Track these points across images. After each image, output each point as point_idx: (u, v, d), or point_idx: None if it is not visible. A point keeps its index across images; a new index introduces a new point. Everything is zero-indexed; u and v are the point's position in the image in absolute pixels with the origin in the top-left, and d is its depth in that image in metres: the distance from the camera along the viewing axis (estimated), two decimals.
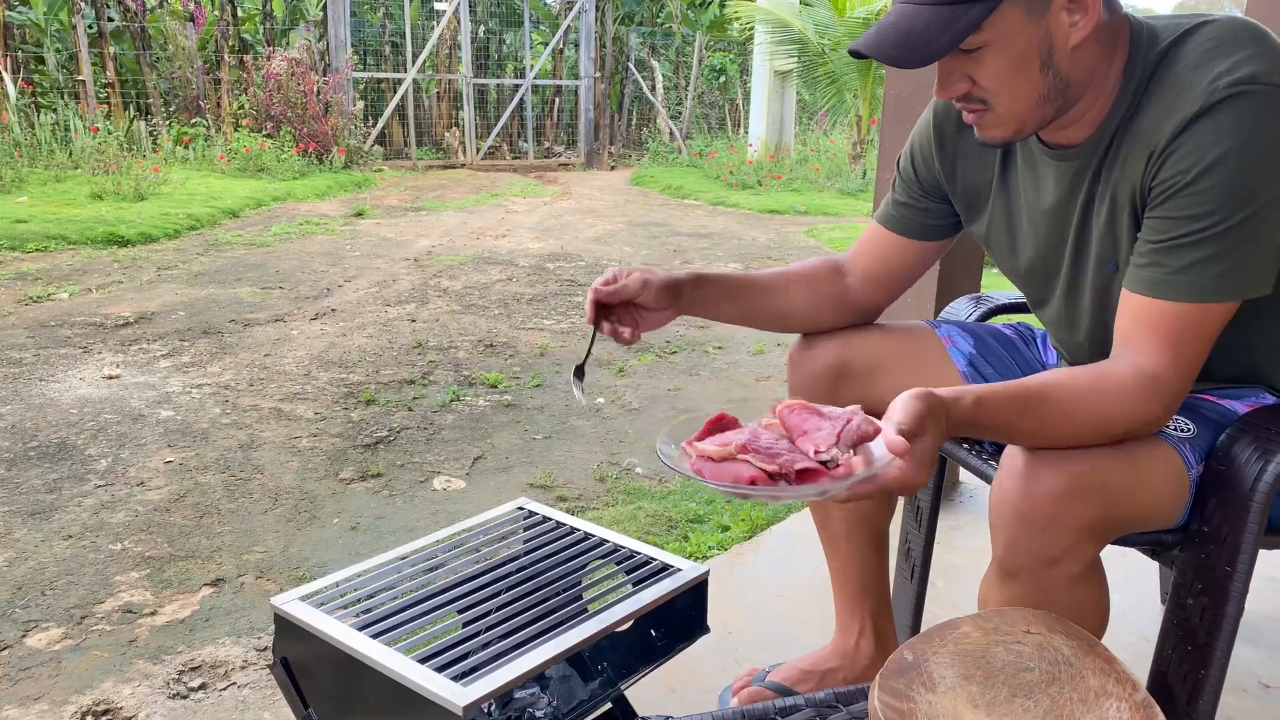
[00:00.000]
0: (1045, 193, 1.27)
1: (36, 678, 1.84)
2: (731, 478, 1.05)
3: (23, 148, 8.36)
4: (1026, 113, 1.16)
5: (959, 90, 1.16)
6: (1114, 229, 1.19)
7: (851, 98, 10.45)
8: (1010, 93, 1.14)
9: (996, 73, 1.12)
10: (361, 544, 2.40)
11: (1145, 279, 1.12)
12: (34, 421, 3.15)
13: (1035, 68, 1.12)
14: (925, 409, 1.01)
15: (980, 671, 1.01)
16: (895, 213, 1.48)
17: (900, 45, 1.09)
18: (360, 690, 1.19)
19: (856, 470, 1.05)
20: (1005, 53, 1.10)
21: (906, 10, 1.11)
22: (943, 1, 1.08)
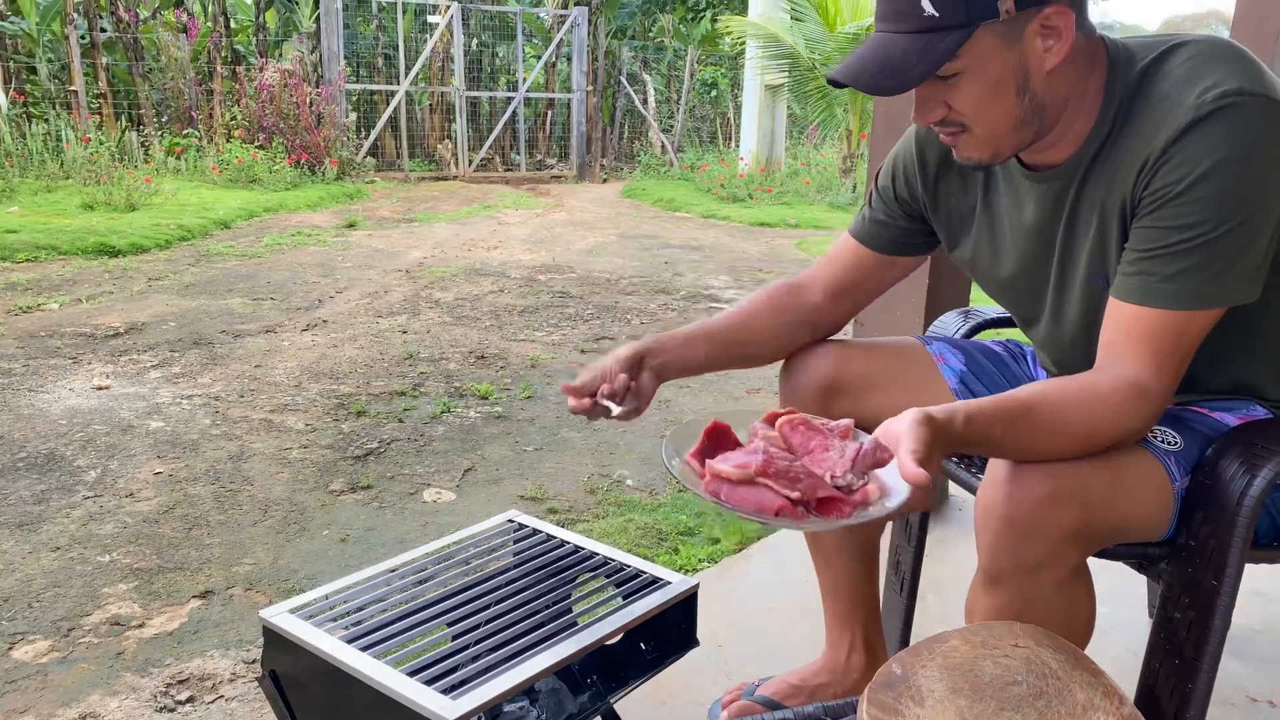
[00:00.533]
0: (1026, 213, 1.28)
1: (23, 690, 1.83)
2: (755, 505, 1.04)
3: (14, 158, 8.35)
4: (1003, 136, 1.17)
5: (936, 115, 1.17)
6: (1103, 245, 1.20)
7: (842, 112, 10.51)
8: (987, 117, 1.15)
9: (973, 98, 1.14)
10: (351, 556, 2.39)
11: (1132, 287, 1.13)
12: (22, 432, 3.13)
13: (1011, 92, 1.13)
14: (932, 435, 1.02)
15: (968, 685, 1.01)
16: (871, 229, 1.49)
17: (877, 74, 1.11)
18: (349, 703, 1.19)
19: (871, 495, 1.06)
20: (981, 79, 1.12)
21: (883, 39, 1.12)
22: (918, 29, 1.09)
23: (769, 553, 2.34)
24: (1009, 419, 1.10)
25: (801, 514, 1.04)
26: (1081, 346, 1.29)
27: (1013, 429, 1.10)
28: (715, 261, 6.91)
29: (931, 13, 1.08)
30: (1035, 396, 1.13)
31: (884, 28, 1.13)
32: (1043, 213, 1.26)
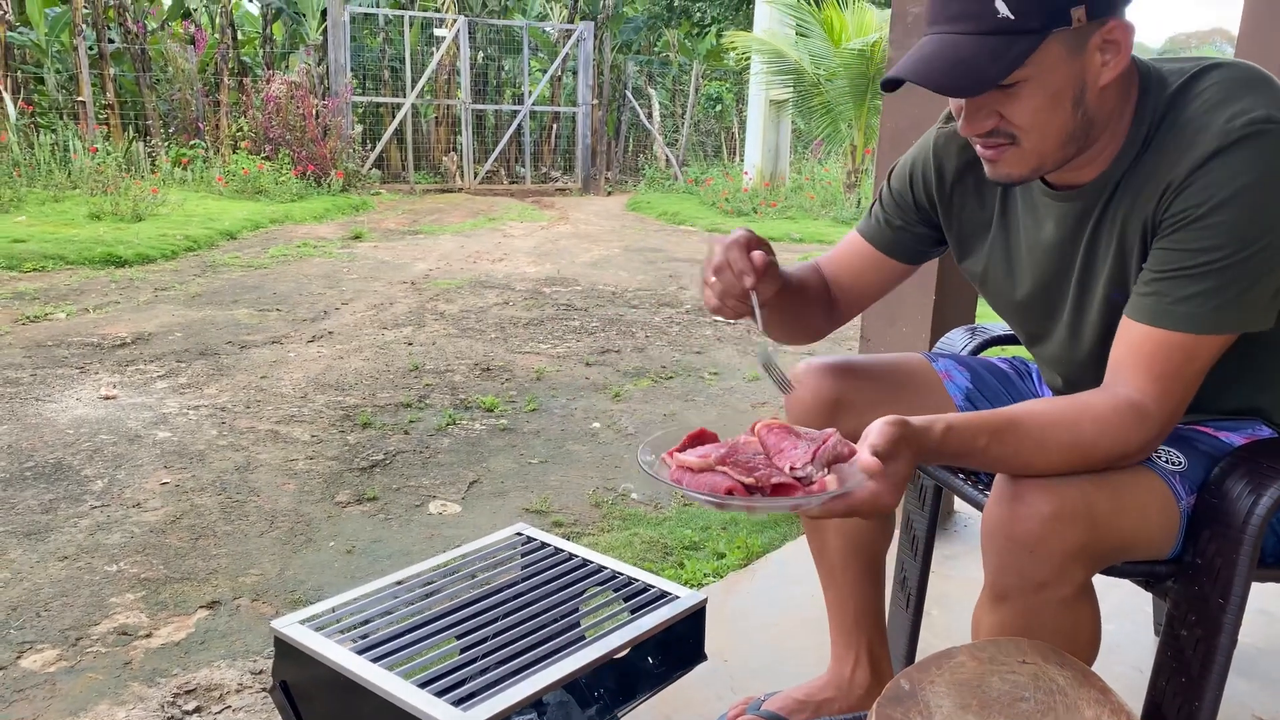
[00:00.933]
0: (1045, 231, 1.28)
1: (31, 699, 1.83)
2: (709, 488, 1.08)
3: (22, 167, 8.39)
4: (1051, 151, 1.16)
5: (987, 125, 1.15)
6: (1122, 265, 1.20)
7: (846, 127, 10.54)
8: (1040, 129, 1.13)
9: (1031, 108, 1.12)
10: (357, 568, 2.40)
11: (1144, 307, 1.14)
12: (30, 442, 3.15)
13: (1068, 105, 1.12)
14: (899, 434, 1.05)
15: (976, 701, 1.02)
16: (881, 231, 1.48)
17: (950, 73, 1.09)
18: (359, 714, 1.20)
19: (830, 488, 1.08)
20: (1042, 88, 1.10)
21: (949, 39, 1.10)
22: (989, 31, 1.07)
23: (774, 568, 2.35)
24: (993, 430, 1.11)
25: (755, 497, 1.08)
26: (1095, 365, 1.29)
27: (997, 440, 1.11)
28: None
29: (1006, 14, 1.06)
30: (1023, 410, 1.15)
31: (948, 29, 1.11)
32: (1063, 232, 1.26)
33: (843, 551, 1.62)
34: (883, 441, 1.04)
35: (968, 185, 1.37)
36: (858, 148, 10.53)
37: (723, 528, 2.61)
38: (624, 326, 5.17)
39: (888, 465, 1.04)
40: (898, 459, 1.04)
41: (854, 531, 1.60)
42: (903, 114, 2.26)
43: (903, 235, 1.46)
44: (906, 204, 1.45)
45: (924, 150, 1.42)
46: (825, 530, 1.62)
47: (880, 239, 1.48)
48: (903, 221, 1.46)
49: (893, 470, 1.04)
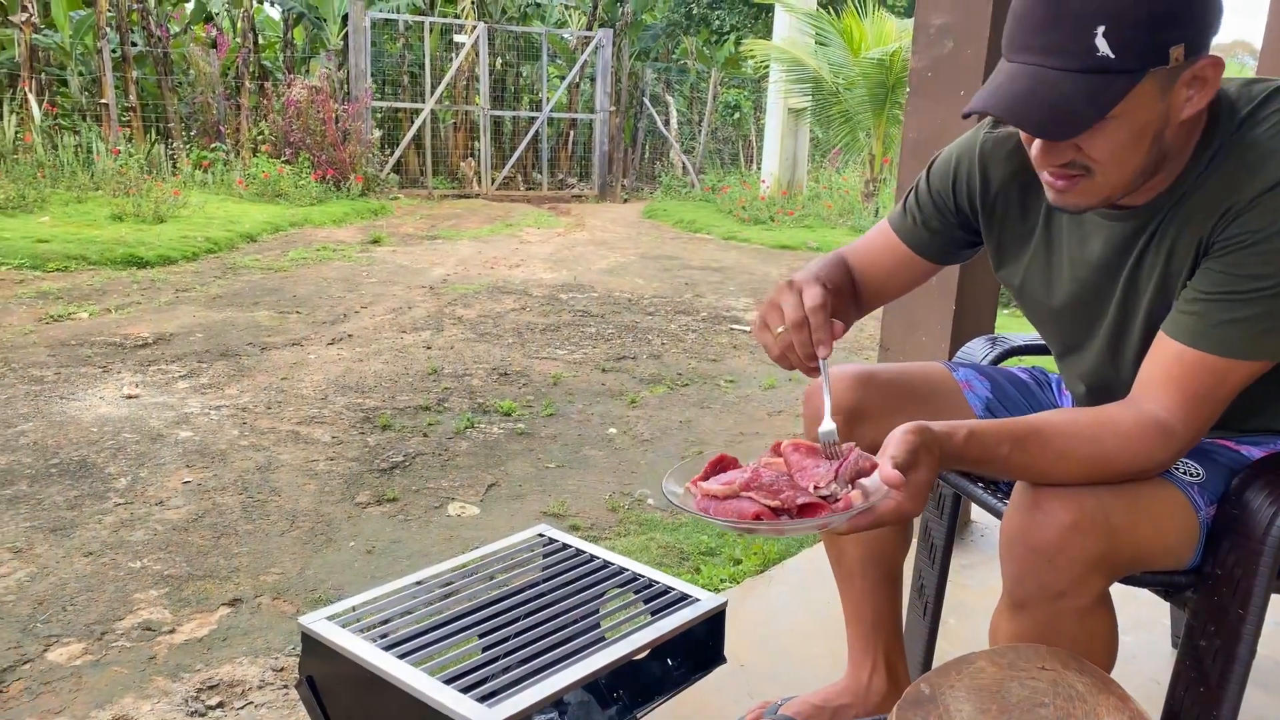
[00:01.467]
0: (1092, 248, 1.26)
1: (58, 691, 1.86)
2: (736, 514, 1.09)
3: (46, 169, 8.48)
4: (1123, 185, 1.13)
5: (1065, 158, 1.11)
6: (1167, 284, 1.19)
7: (864, 136, 10.54)
8: (1118, 165, 1.10)
9: (1113, 145, 1.09)
10: (377, 567, 2.42)
11: (1184, 326, 1.13)
12: (55, 439, 3.19)
13: (1149, 141, 1.09)
14: (919, 442, 1.05)
15: (996, 706, 1.03)
16: (915, 229, 1.45)
17: (1047, 117, 1.05)
18: (384, 709, 1.22)
19: (855, 504, 1.09)
20: (1129, 126, 1.07)
21: (1041, 75, 1.06)
22: (1085, 69, 1.03)
23: (791, 574, 2.36)
24: (1015, 439, 1.12)
25: (783, 520, 1.08)
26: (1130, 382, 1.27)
27: (1018, 449, 1.12)
28: (736, 283, 6.94)
29: (1106, 54, 1.02)
30: (1046, 420, 1.15)
31: (1038, 60, 1.06)
32: (1111, 249, 1.24)
33: (860, 559, 1.63)
34: (903, 451, 1.04)
35: (1012, 195, 1.35)
36: (876, 157, 10.53)
37: (738, 535, 2.61)
38: (640, 333, 5.18)
39: (909, 475, 1.03)
40: (919, 468, 1.04)
41: (871, 539, 1.61)
42: (924, 124, 2.27)
43: (937, 235, 1.44)
44: (946, 205, 1.42)
45: (969, 152, 1.38)
46: (843, 538, 1.63)
47: (912, 237, 1.45)
48: (939, 222, 1.43)
49: (914, 479, 1.04)
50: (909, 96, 2.31)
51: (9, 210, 7.30)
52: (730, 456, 1.21)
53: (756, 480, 1.11)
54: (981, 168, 1.36)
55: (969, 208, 1.40)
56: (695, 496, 1.15)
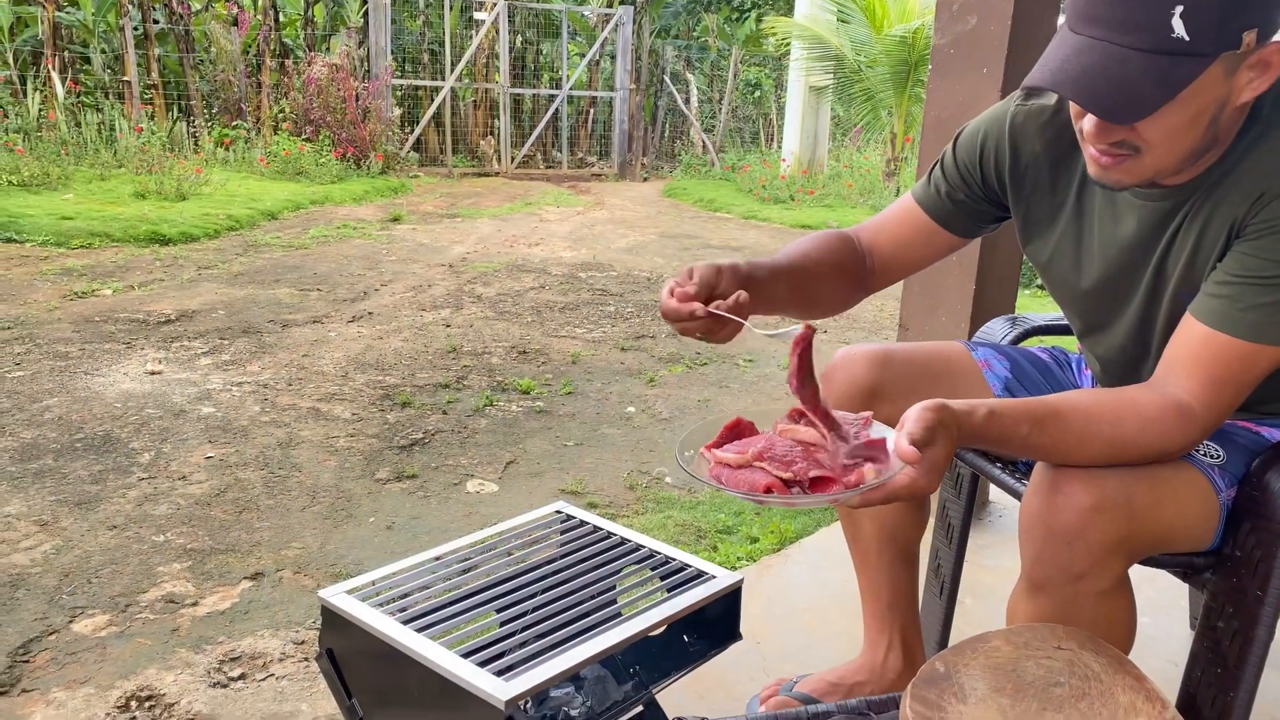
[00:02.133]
0: (1124, 227, 1.25)
1: (83, 662, 1.89)
2: (748, 485, 1.08)
3: (69, 146, 8.54)
4: (1173, 166, 1.12)
5: (1116, 137, 1.09)
6: (1196, 265, 1.18)
7: (886, 115, 10.46)
8: (1170, 146, 1.08)
9: (1169, 127, 1.06)
10: (397, 543, 2.45)
11: (1212, 310, 1.12)
12: (80, 414, 3.23)
13: (1204, 124, 1.07)
14: (936, 419, 1.04)
15: (1011, 685, 1.03)
16: (940, 202, 1.43)
17: (1113, 97, 1.02)
18: (403, 682, 1.23)
19: (868, 478, 1.08)
20: (1189, 108, 1.05)
21: (1111, 51, 1.02)
22: (1157, 49, 1.01)
23: (807, 553, 2.36)
24: (1036, 419, 1.11)
25: (795, 492, 1.07)
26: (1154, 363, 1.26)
27: (1039, 429, 1.11)
28: None
29: (1181, 35, 0.99)
30: (1068, 400, 1.14)
31: (1107, 35, 1.03)
32: (1144, 229, 1.22)
33: (877, 538, 1.64)
34: (920, 428, 1.03)
35: (1043, 169, 1.33)
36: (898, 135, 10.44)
37: (756, 513, 2.62)
38: (659, 313, 5.17)
39: (925, 452, 1.02)
40: (935, 444, 1.03)
41: (889, 518, 1.61)
42: (946, 102, 2.25)
43: (962, 207, 1.42)
44: (972, 178, 1.40)
45: (999, 126, 1.36)
46: (860, 516, 1.63)
47: (937, 209, 1.43)
48: (965, 194, 1.41)
49: (930, 456, 1.03)
50: (931, 74, 2.29)
51: (33, 187, 7.36)
52: (747, 420, 1.21)
53: (770, 450, 1.11)
54: (1012, 141, 1.34)
55: (996, 181, 1.38)
56: (709, 463, 1.15)
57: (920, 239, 1.46)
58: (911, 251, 1.47)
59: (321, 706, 1.77)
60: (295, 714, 1.76)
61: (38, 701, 1.77)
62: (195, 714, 1.75)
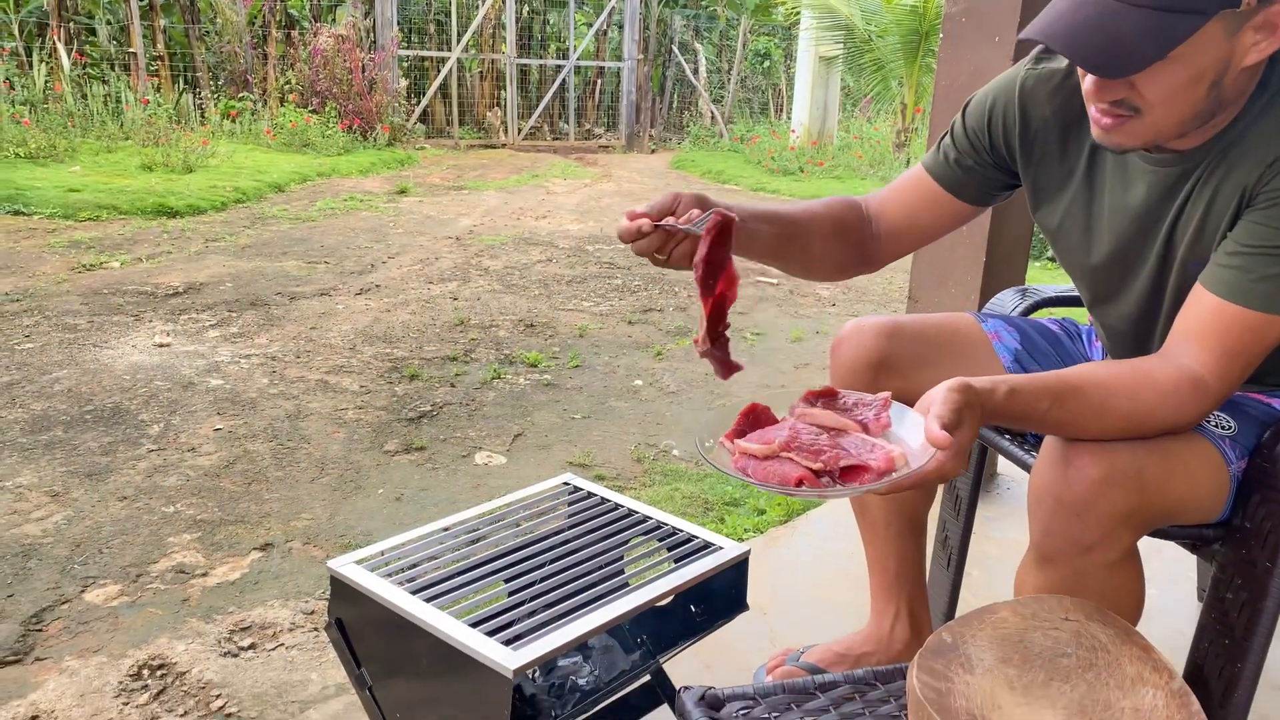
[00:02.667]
0: (1134, 194, 1.23)
1: (95, 631, 1.91)
2: (779, 479, 1.05)
3: (75, 118, 8.52)
4: (1173, 128, 1.10)
5: (1116, 95, 1.08)
6: (1206, 233, 1.17)
7: (897, 85, 10.37)
8: (1169, 107, 1.07)
9: (1168, 87, 1.05)
10: (405, 514, 2.46)
11: (1224, 280, 1.11)
12: (89, 386, 3.24)
13: (1205, 86, 1.06)
14: (963, 400, 1.02)
15: (1018, 655, 1.03)
16: (950, 170, 1.41)
17: (1105, 51, 1.01)
18: (412, 651, 1.24)
19: (896, 463, 1.07)
20: (1187, 68, 1.04)
21: (1107, 6, 1.02)
22: (1155, 5, 1.00)
23: (814, 524, 2.36)
24: (1055, 394, 1.10)
25: (826, 483, 1.05)
26: (1162, 333, 1.25)
27: (1058, 405, 1.10)
28: None
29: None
30: (1085, 375, 1.13)
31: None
32: (1154, 196, 1.21)
33: (885, 510, 1.63)
34: (948, 409, 1.00)
35: (1052, 135, 1.31)
36: (908, 106, 10.36)
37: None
38: (666, 285, 5.17)
39: (954, 435, 1.00)
40: (963, 426, 1.01)
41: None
42: (958, 71, 2.23)
43: (972, 175, 1.40)
44: (981, 144, 1.38)
45: (1008, 92, 1.34)
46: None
47: (948, 177, 1.41)
48: (974, 161, 1.39)
49: (959, 438, 1.01)
50: (942, 43, 2.26)
51: (40, 160, 7.35)
52: (762, 405, 1.19)
53: (796, 440, 1.08)
54: (1021, 106, 1.32)
55: (1005, 147, 1.36)
56: (731, 453, 1.12)
57: (930, 208, 1.44)
58: (921, 221, 1.45)
59: (331, 676, 1.79)
60: (305, 683, 1.77)
61: (51, 670, 1.79)
62: (206, 683, 1.77)
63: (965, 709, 0.96)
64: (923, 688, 0.98)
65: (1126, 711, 0.95)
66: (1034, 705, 0.96)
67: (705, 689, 1.10)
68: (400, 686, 1.31)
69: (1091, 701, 0.96)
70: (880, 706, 1.07)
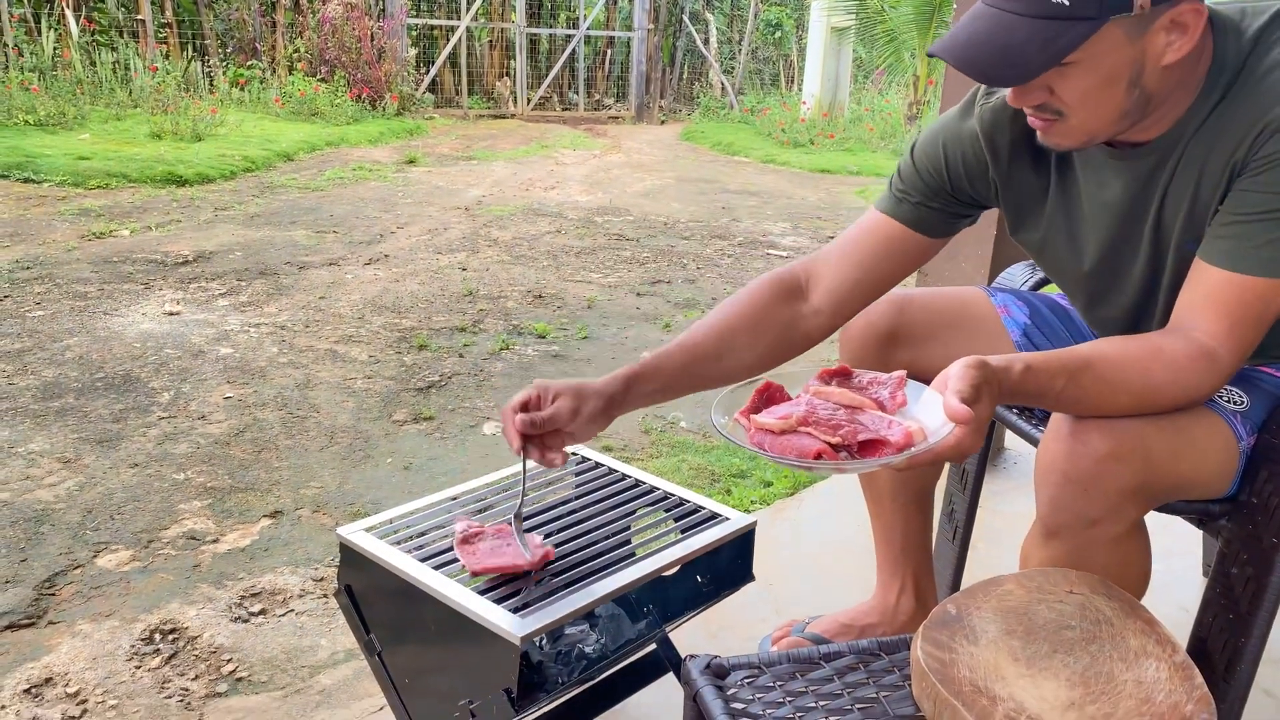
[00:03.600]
0: (1112, 192, 1.23)
1: (108, 596, 1.93)
2: (796, 452, 1.05)
3: (84, 85, 8.50)
4: (1102, 128, 1.12)
5: (1035, 100, 1.11)
6: (1195, 213, 1.16)
7: (909, 57, 10.27)
8: (1089, 109, 1.10)
9: (1081, 90, 1.08)
10: (414, 483, 2.47)
11: (1224, 251, 1.10)
12: (100, 354, 3.25)
13: (1122, 87, 1.08)
14: (981, 377, 1.01)
15: (1022, 627, 1.04)
16: (913, 210, 1.36)
17: (995, 62, 1.05)
18: (421, 618, 1.25)
19: (915, 438, 1.07)
20: (1094, 72, 1.06)
21: (997, 18, 1.05)
22: (1042, 15, 1.03)
23: (821, 497, 2.37)
24: (1070, 372, 1.09)
25: (844, 458, 1.05)
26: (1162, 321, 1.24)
27: (1073, 382, 1.09)
28: (773, 208, 6.86)
29: (1062, 1, 1.02)
30: (1098, 352, 1.12)
31: (999, 4, 1.06)
32: (1134, 189, 1.20)
33: (892, 482, 1.64)
34: (967, 386, 1.00)
35: (1022, 154, 1.29)
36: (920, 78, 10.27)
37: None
38: (675, 257, 5.16)
39: (973, 410, 0.99)
40: (981, 402, 1.01)
41: None
42: None
43: (935, 212, 1.37)
44: (938, 185, 1.35)
45: (959, 135, 1.32)
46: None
47: (911, 217, 1.37)
48: (937, 201, 1.36)
49: (977, 414, 1.00)
50: (956, 14, 2.24)
51: (50, 127, 7.35)
52: (776, 384, 1.19)
53: (813, 414, 1.08)
54: (988, 141, 1.30)
55: (968, 187, 1.34)
56: (747, 429, 1.12)
57: (891, 252, 1.38)
58: (880, 270, 1.39)
59: (340, 641, 1.81)
60: (314, 648, 1.79)
61: (64, 633, 1.81)
62: (217, 647, 1.79)
63: (969, 679, 0.96)
64: (927, 658, 0.99)
65: (1129, 684, 0.96)
66: (1037, 677, 0.97)
67: (711, 658, 1.11)
68: (408, 652, 1.33)
69: (1095, 673, 0.97)
70: (884, 677, 1.08)
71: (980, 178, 1.33)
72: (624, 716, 1.54)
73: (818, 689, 1.06)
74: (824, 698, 1.05)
